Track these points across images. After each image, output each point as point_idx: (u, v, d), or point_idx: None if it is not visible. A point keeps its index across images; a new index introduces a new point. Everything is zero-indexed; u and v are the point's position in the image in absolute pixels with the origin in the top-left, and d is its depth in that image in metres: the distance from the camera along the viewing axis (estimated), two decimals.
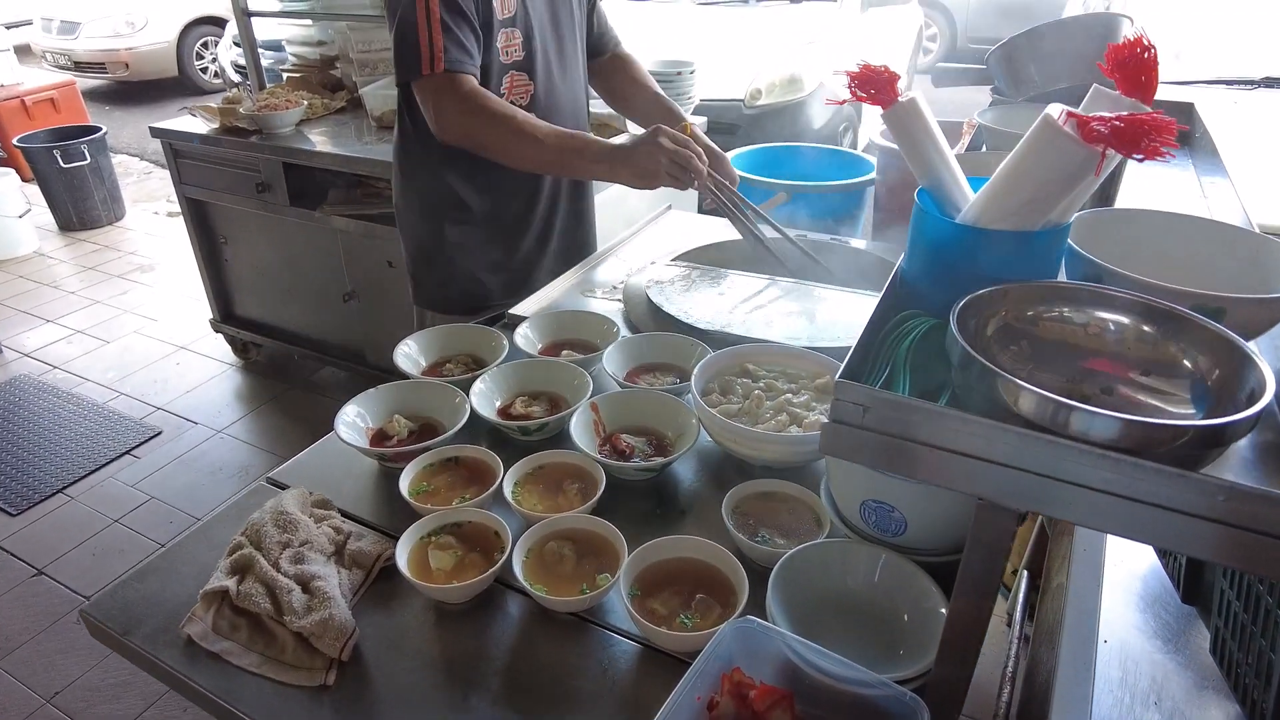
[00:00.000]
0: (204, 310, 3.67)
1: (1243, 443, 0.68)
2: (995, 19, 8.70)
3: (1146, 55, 0.73)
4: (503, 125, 1.54)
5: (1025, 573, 1.41)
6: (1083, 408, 0.59)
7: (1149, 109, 0.74)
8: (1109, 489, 0.60)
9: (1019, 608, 1.28)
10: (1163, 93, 0.83)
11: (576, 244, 2.02)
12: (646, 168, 1.52)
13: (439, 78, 1.51)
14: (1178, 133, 0.66)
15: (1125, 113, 0.66)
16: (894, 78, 0.81)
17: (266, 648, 0.97)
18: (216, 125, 3.03)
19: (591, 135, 1.63)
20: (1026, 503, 0.65)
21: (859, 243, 1.91)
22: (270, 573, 1.02)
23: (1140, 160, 0.65)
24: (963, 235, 0.77)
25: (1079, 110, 0.77)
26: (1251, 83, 3.37)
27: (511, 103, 1.67)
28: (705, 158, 1.58)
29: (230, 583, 1.02)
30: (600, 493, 1.08)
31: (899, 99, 0.82)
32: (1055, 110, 0.69)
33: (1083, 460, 0.60)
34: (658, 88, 1.99)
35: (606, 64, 2.01)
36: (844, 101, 0.85)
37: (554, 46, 1.74)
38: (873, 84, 0.81)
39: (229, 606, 1.01)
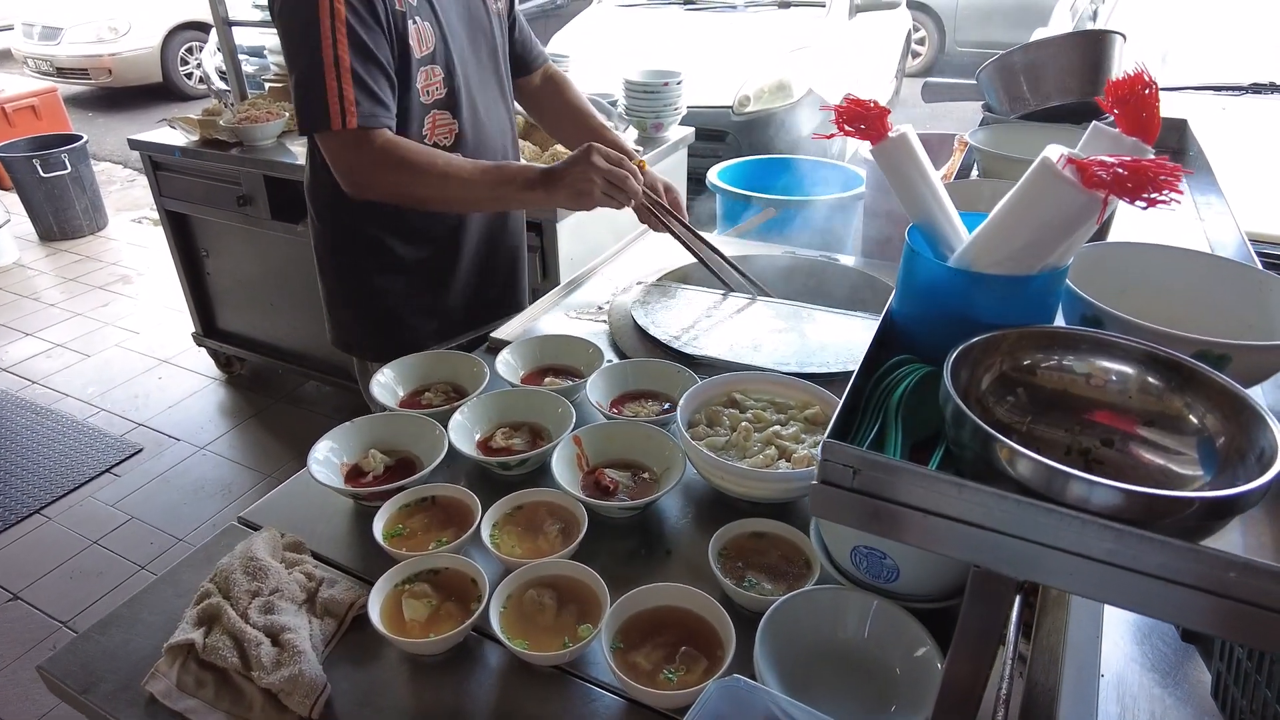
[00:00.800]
0: (187, 323, 3.61)
1: None
2: (983, 22, 8.71)
3: (1148, 92, 0.70)
4: (427, 174, 1.44)
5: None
6: (1081, 476, 0.56)
7: (1150, 149, 0.71)
8: (1112, 560, 0.57)
9: (1012, 625, 1.25)
10: None
11: (512, 285, 1.92)
12: (580, 189, 1.45)
13: (350, 133, 1.39)
14: (1172, 159, 0.63)
15: (1128, 157, 0.62)
16: (884, 112, 0.78)
17: (233, 705, 0.93)
18: (196, 137, 2.98)
19: (519, 163, 1.53)
20: (1024, 571, 0.62)
21: (848, 259, 1.87)
22: (238, 624, 0.97)
23: (1144, 208, 0.61)
24: (956, 279, 0.74)
25: (1077, 150, 0.73)
26: (1240, 88, 3.36)
27: (435, 144, 1.57)
28: (641, 175, 1.51)
29: (196, 635, 0.97)
30: (582, 534, 1.05)
31: (889, 134, 0.78)
32: (1054, 153, 0.66)
33: (1084, 530, 0.56)
34: (597, 115, 1.88)
35: (538, 87, 1.89)
36: (832, 135, 0.81)
37: (477, 79, 1.63)
38: (861, 119, 0.77)
39: (195, 660, 0.96)
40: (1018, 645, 1.13)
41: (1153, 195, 0.61)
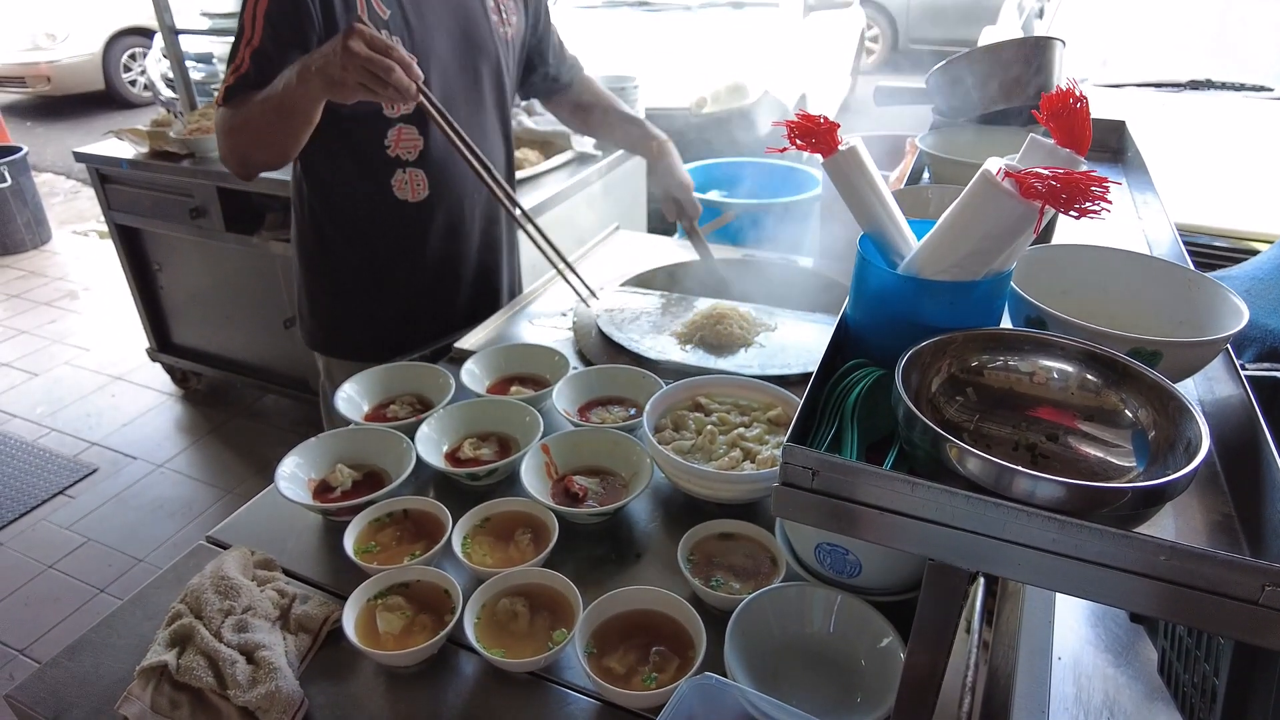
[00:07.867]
0: (140, 338, 3.54)
1: None
2: (934, 20, 8.92)
3: (1079, 106, 0.74)
4: (242, 127, 1.45)
5: (982, 578, 1.43)
6: (1025, 471, 0.59)
7: (1083, 160, 0.75)
8: (1056, 549, 0.61)
9: (977, 613, 1.30)
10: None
11: (491, 290, 1.90)
12: (331, 75, 1.27)
13: (220, 111, 1.46)
14: (1112, 159, 0.67)
15: (1061, 169, 0.66)
16: (833, 127, 0.81)
17: None
18: (145, 149, 2.92)
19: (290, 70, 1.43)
20: (976, 562, 0.65)
21: (806, 261, 1.91)
22: (212, 643, 0.97)
23: (1076, 218, 0.65)
24: (906, 286, 0.77)
25: (1016, 161, 0.77)
26: (1178, 85, 3.49)
27: (397, 156, 1.60)
28: (417, 71, 1.30)
29: (169, 656, 0.97)
30: (553, 542, 1.06)
31: (839, 147, 0.81)
32: (994, 165, 0.70)
33: (1030, 523, 0.60)
34: (626, 108, 1.95)
35: (572, 94, 1.95)
36: (784, 150, 0.84)
37: (461, 96, 1.63)
38: (812, 133, 0.80)
39: (169, 682, 0.96)
40: (982, 633, 1.18)
41: (1084, 205, 0.64)
